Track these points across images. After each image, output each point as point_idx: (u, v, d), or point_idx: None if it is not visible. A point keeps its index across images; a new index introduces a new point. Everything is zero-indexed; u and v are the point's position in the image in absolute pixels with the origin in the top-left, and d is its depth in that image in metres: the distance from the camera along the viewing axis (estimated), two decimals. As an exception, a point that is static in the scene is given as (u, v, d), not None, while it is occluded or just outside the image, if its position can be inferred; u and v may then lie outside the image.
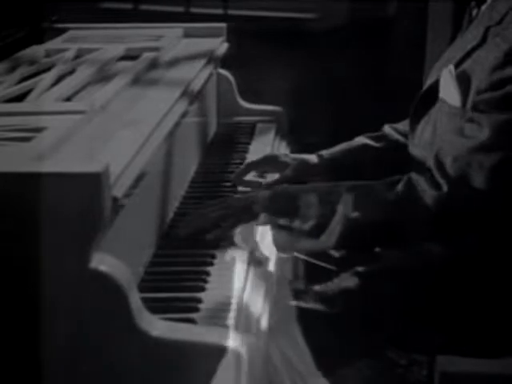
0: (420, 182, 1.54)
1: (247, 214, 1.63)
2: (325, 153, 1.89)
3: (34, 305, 1.17)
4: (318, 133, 2.00)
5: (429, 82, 1.74)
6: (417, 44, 2.97)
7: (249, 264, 1.52)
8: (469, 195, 1.52)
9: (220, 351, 1.17)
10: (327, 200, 1.58)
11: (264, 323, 1.35)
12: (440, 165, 1.53)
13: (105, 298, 1.17)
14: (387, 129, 1.93)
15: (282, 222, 1.60)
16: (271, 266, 1.55)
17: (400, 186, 1.56)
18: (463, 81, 1.59)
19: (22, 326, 1.19)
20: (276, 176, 1.89)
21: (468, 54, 1.60)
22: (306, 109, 2.04)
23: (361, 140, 1.91)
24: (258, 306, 1.39)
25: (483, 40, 1.59)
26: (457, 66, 1.62)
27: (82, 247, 1.17)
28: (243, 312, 1.35)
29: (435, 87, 1.68)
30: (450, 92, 1.62)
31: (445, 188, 1.51)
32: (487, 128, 1.50)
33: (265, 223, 1.63)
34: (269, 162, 1.90)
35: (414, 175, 1.57)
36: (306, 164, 1.87)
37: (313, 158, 1.88)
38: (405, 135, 1.88)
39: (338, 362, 1.65)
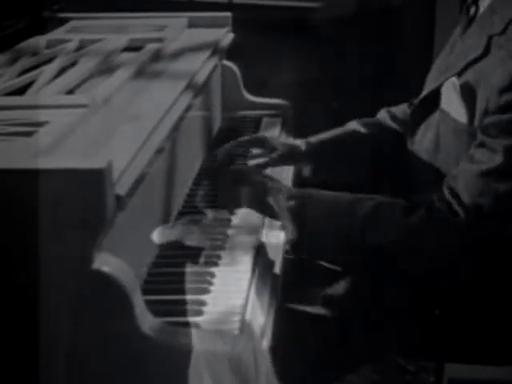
0: (442, 207, 1.50)
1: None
2: (313, 139, 1.90)
3: (33, 306, 1.14)
4: (324, 126, 1.97)
5: (429, 85, 1.71)
6: (425, 33, 2.94)
7: (254, 265, 1.49)
8: (484, 223, 1.48)
9: (225, 358, 1.15)
10: (349, 212, 1.54)
11: (269, 328, 1.32)
12: (454, 193, 1.50)
13: (107, 300, 1.14)
14: (382, 114, 1.92)
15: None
16: (277, 268, 1.53)
17: (422, 211, 1.51)
18: (467, 94, 1.55)
19: (21, 327, 1.16)
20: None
21: (470, 64, 1.56)
22: (312, 101, 2.01)
23: (352, 126, 1.91)
24: (264, 310, 1.36)
25: (486, 50, 1.54)
26: (459, 75, 1.58)
27: (84, 247, 1.14)
28: (248, 316, 1.31)
29: (436, 92, 1.65)
30: (454, 105, 1.59)
31: (462, 216, 1.48)
32: (500, 154, 1.47)
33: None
34: (257, 143, 1.91)
35: (437, 201, 1.52)
36: (293, 149, 1.88)
37: (300, 143, 1.89)
38: (400, 121, 1.87)
39: (345, 367, 1.63)
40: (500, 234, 1.49)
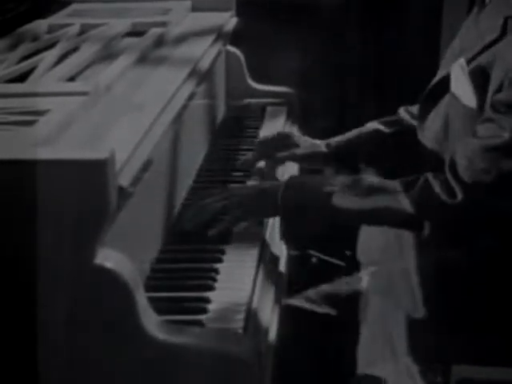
0: (436, 186, 1.48)
1: (252, 206, 1.57)
2: (333, 141, 1.88)
3: (34, 301, 1.12)
4: (330, 115, 1.95)
5: (440, 72, 1.69)
6: (432, 17, 2.91)
7: (259, 261, 1.46)
8: (483, 202, 1.46)
9: (228, 358, 1.13)
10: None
11: (274, 327, 1.30)
12: (454, 171, 1.48)
13: (109, 297, 1.11)
14: (402, 112, 1.89)
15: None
16: (281, 266, 1.50)
17: (417, 188, 1.50)
18: (479, 76, 1.53)
19: (21, 323, 1.14)
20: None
21: (486, 47, 1.54)
22: (318, 89, 1.98)
23: (372, 126, 1.88)
24: (269, 308, 1.34)
25: (503, 32, 1.52)
26: (473, 58, 1.56)
27: (85, 241, 1.11)
28: (253, 314, 1.29)
29: (447, 78, 1.63)
30: (463, 89, 1.56)
31: (459, 196, 1.45)
32: (509, 130, 1.44)
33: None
34: (281, 139, 1.89)
35: (430, 177, 1.50)
36: (314, 150, 1.87)
37: (321, 146, 1.88)
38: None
39: (350, 369, 1.61)
40: (497, 211, 1.47)
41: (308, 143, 1.88)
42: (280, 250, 1.55)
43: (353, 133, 1.89)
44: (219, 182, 1.78)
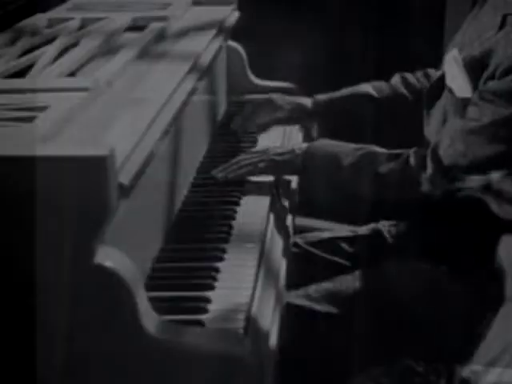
0: (412, 159, 1.55)
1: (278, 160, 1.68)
2: (321, 97, 1.93)
3: (32, 301, 1.10)
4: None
5: (443, 67, 1.69)
6: (435, 13, 2.90)
7: (260, 260, 1.45)
8: (445, 185, 1.53)
9: (229, 358, 1.12)
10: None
11: (275, 327, 1.29)
12: (435, 149, 1.54)
13: (109, 297, 1.10)
14: (396, 79, 1.91)
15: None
16: (283, 263, 1.49)
17: (397, 162, 1.57)
18: (475, 68, 1.55)
19: (20, 322, 1.13)
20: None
21: (484, 44, 1.57)
22: (320, 84, 1.97)
23: (364, 88, 1.91)
24: (270, 308, 1.32)
25: (500, 29, 1.55)
26: (471, 54, 1.58)
27: (85, 239, 1.10)
28: (254, 314, 1.28)
29: None
30: (457, 82, 1.57)
31: (429, 171, 1.52)
32: (488, 117, 1.48)
33: None
34: (266, 105, 1.94)
35: (411, 152, 1.57)
36: (299, 108, 1.92)
37: (307, 101, 1.93)
38: (412, 88, 1.88)
39: (352, 369, 1.60)
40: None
41: (293, 103, 1.93)
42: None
43: (343, 92, 1.92)
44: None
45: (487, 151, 1.49)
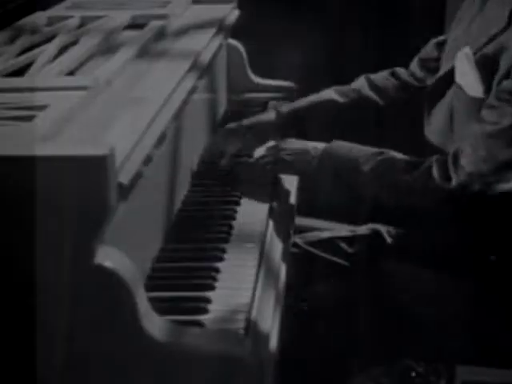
0: (435, 169, 1.52)
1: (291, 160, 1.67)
2: (284, 109, 1.91)
3: (32, 301, 1.10)
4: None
5: (445, 65, 1.68)
6: (435, 10, 2.89)
7: (260, 260, 1.44)
8: (476, 193, 1.49)
9: (229, 359, 1.11)
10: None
11: (275, 328, 1.28)
12: (456, 157, 1.50)
13: (109, 297, 1.10)
14: (361, 82, 1.90)
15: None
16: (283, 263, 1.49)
17: (419, 171, 1.53)
18: (486, 66, 1.53)
19: (20, 322, 1.12)
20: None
21: (492, 38, 1.56)
22: (320, 83, 1.97)
23: (328, 94, 1.90)
24: (270, 309, 1.32)
25: (509, 23, 1.54)
26: (479, 49, 1.56)
27: (85, 239, 1.10)
28: (254, 315, 1.28)
29: (452, 71, 1.62)
30: (468, 79, 1.56)
31: (453, 183, 1.49)
32: (509, 118, 1.46)
33: None
34: (230, 140, 1.88)
35: (434, 160, 1.53)
36: (262, 125, 1.89)
37: (271, 115, 1.91)
38: (379, 90, 1.88)
39: (352, 369, 1.60)
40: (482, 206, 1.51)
41: (257, 123, 1.90)
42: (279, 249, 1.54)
43: (306, 100, 1.91)
44: (220, 177, 1.76)
45: (507, 155, 1.47)
